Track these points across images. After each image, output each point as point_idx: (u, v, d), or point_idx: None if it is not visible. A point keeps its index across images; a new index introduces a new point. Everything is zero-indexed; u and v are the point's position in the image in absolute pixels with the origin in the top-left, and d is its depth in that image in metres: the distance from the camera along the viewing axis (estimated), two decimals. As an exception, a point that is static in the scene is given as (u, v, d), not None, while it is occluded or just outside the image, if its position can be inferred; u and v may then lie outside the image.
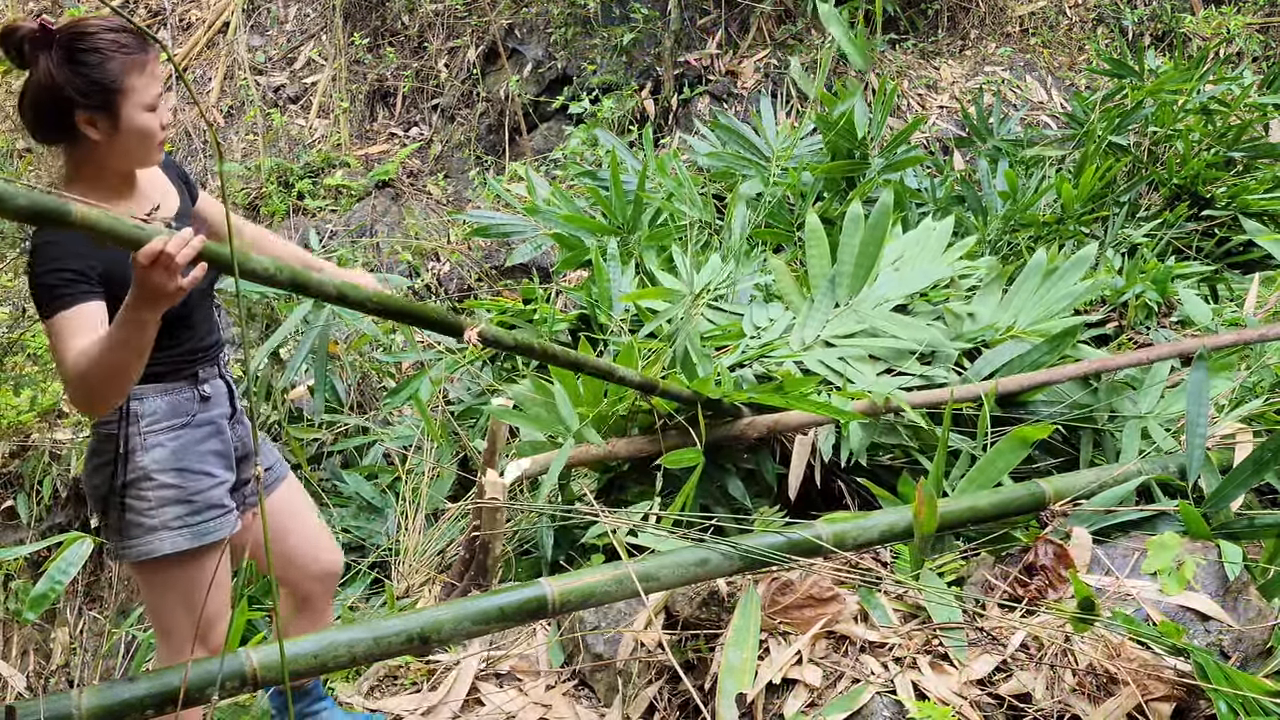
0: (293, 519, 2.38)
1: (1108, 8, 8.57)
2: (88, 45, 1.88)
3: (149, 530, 2.06)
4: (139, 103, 1.94)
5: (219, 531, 2.12)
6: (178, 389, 2.11)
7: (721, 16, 8.26)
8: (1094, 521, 2.69)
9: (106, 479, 2.07)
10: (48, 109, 1.91)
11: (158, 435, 2.07)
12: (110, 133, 1.93)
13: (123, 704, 1.92)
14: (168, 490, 2.07)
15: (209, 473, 2.13)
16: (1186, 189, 5.28)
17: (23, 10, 9.34)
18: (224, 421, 2.19)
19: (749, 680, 2.21)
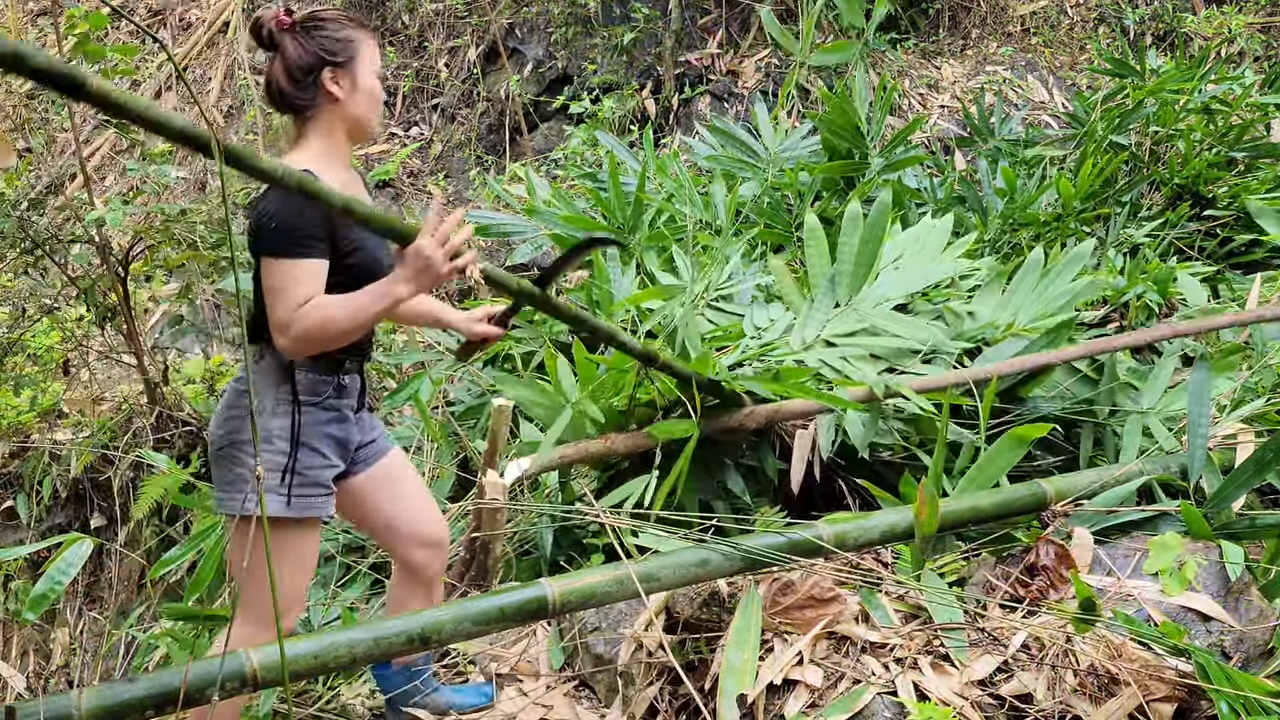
0: (395, 488, 2.47)
1: (1109, 7, 8.56)
2: (325, 18, 2.26)
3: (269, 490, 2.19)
4: (369, 67, 2.28)
5: (316, 510, 2.25)
6: (321, 369, 2.26)
7: (722, 16, 8.25)
8: (1095, 522, 2.68)
9: (230, 431, 2.22)
10: (300, 73, 2.22)
11: (288, 405, 2.22)
12: (350, 90, 2.25)
13: (123, 704, 1.91)
14: (283, 457, 2.20)
15: (322, 453, 2.26)
16: (1188, 189, 5.27)
17: (22, 10, 9.35)
18: (349, 413, 2.33)
19: (750, 681, 2.21)
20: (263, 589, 2.18)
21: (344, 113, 2.27)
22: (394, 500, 2.46)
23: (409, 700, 2.61)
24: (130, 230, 4.94)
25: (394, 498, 2.46)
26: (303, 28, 2.24)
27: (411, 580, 2.53)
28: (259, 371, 2.23)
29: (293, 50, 2.22)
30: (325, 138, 2.28)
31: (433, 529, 2.52)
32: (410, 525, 2.48)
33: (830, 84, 7.79)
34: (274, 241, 2.09)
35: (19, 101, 8.65)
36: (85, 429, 5.19)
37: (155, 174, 4.88)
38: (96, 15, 4.29)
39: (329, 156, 2.26)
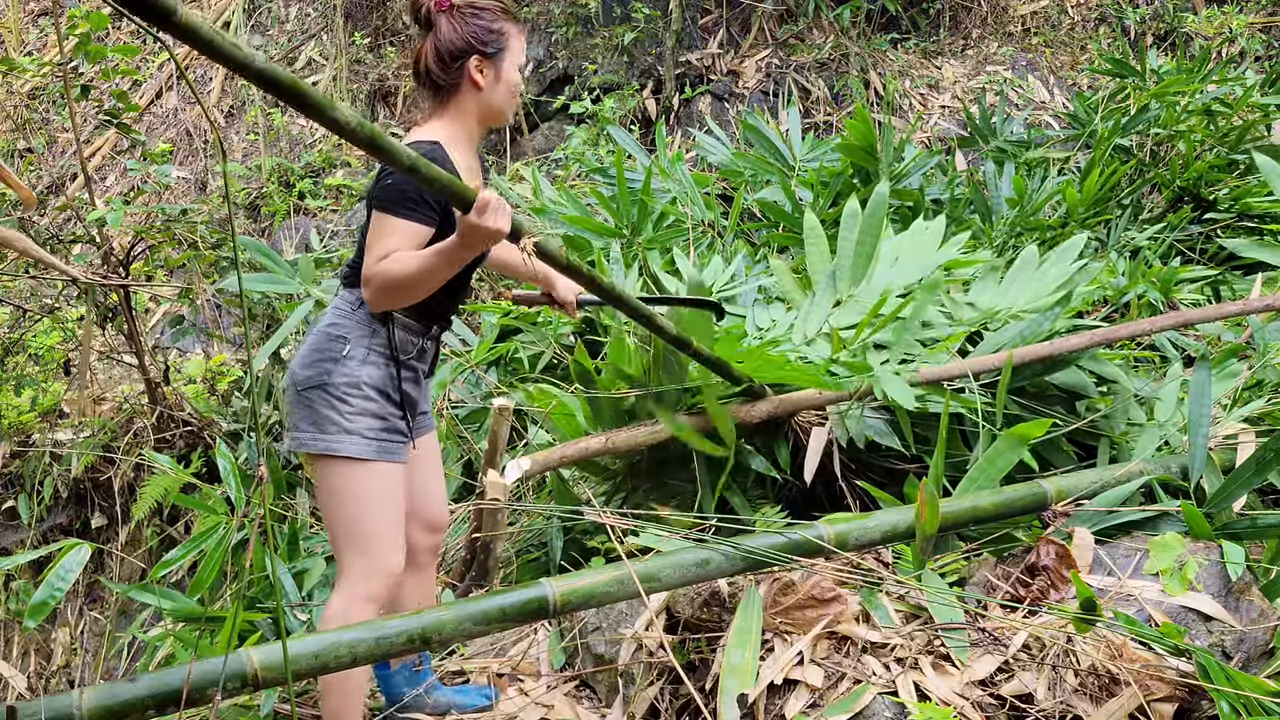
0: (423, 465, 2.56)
1: (1110, 7, 8.56)
2: (482, 6, 2.34)
3: (344, 431, 2.28)
4: (515, 61, 2.38)
5: (397, 454, 2.34)
6: (412, 329, 2.37)
7: (723, 16, 8.25)
8: (1096, 522, 2.68)
9: (318, 374, 2.30)
10: (449, 55, 2.32)
11: (379, 357, 2.32)
12: (493, 81, 2.35)
13: (124, 704, 1.91)
14: (371, 403, 2.30)
15: (399, 405, 2.36)
16: (1189, 191, 5.27)
17: (24, 10, 9.35)
18: (424, 375, 2.48)
19: (751, 681, 2.21)
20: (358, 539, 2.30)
21: (483, 100, 2.37)
22: (418, 476, 2.53)
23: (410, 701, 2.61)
24: (131, 230, 4.95)
25: (418, 474, 2.54)
26: (459, 11, 2.33)
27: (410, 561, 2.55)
28: (353, 319, 2.33)
29: (446, 32, 2.32)
30: (459, 119, 2.37)
31: (439, 512, 2.61)
32: (422, 504, 2.56)
33: (831, 84, 7.80)
34: (384, 196, 2.20)
35: (20, 101, 8.65)
36: (86, 429, 5.20)
37: (156, 174, 4.88)
38: (97, 15, 4.29)
39: (459, 137, 2.36)
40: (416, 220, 2.20)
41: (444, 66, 2.33)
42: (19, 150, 8.48)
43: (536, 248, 2.17)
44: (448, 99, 2.37)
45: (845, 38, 8.00)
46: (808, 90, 7.75)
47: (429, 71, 2.35)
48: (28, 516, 4.94)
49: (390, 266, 2.15)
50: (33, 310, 5.25)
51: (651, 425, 3.16)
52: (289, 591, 3.09)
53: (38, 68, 6.02)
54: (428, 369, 2.51)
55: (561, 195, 5.01)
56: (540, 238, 2.15)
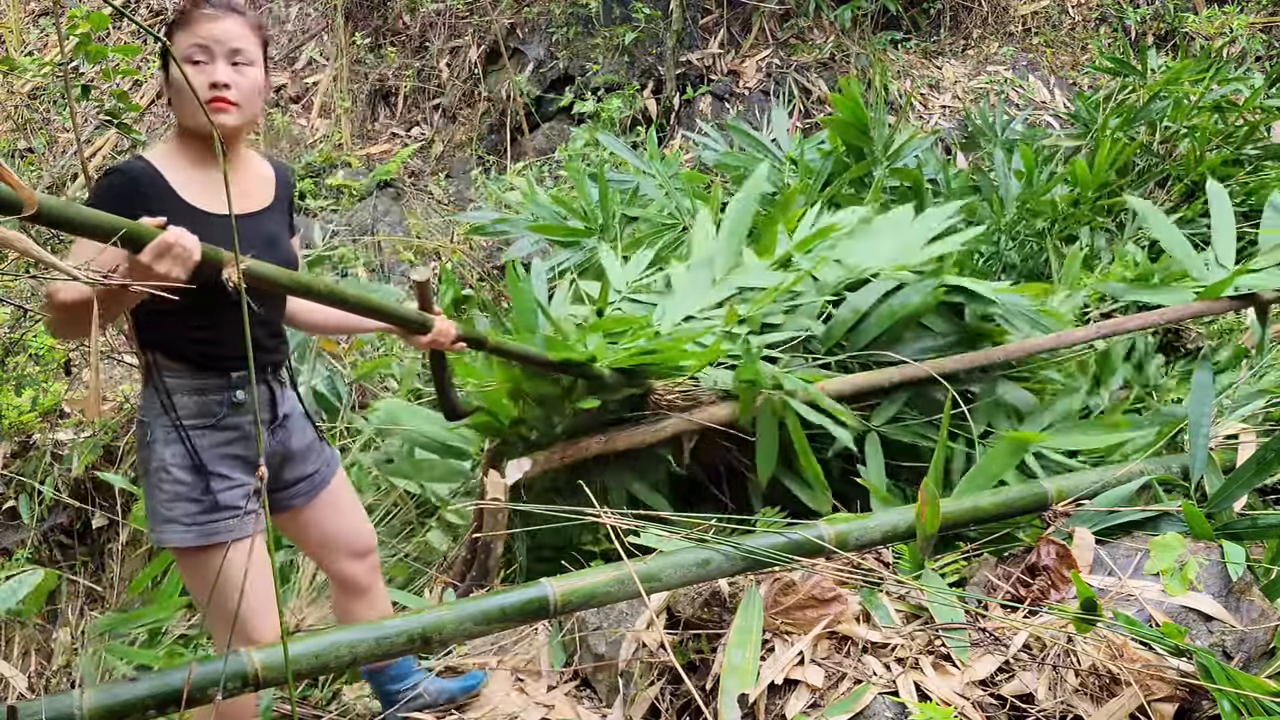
0: (334, 513, 2.44)
1: (1110, 7, 8.56)
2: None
3: (164, 520, 2.13)
4: (180, 56, 2.05)
5: (229, 533, 2.14)
6: (208, 389, 2.14)
7: (723, 16, 8.26)
8: (1096, 522, 2.68)
9: (141, 464, 2.16)
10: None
11: (180, 430, 2.11)
12: (168, 88, 2.11)
13: (124, 704, 1.91)
14: (180, 486, 2.11)
15: (225, 475, 2.15)
16: (1201, 185, 5.27)
17: (24, 10, 9.35)
18: (253, 428, 2.20)
19: (751, 680, 2.21)
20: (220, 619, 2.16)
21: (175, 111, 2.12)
22: (331, 520, 2.44)
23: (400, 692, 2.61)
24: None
25: (332, 519, 2.44)
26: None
27: (349, 592, 2.52)
28: (145, 395, 2.16)
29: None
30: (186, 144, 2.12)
31: (362, 540, 2.50)
32: (341, 541, 2.47)
33: (832, 84, 7.80)
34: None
35: (20, 101, 8.65)
36: (86, 430, 5.19)
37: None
38: (98, 15, 4.29)
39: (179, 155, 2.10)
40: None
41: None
42: (19, 150, 8.48)
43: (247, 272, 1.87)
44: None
45: (846, 38, 8.00)
46: (808, 90, 7.75)
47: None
48: (28, 516, 4.94)
49: (55, 289, 1.88)
50: (33, 310, 5.25)
51: (652, 425, 3.17)
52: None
53: (38, 68, 6.02)
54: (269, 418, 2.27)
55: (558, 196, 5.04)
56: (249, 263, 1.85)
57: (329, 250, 6.46)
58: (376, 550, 2.56)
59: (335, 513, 2.45)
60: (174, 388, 2.12)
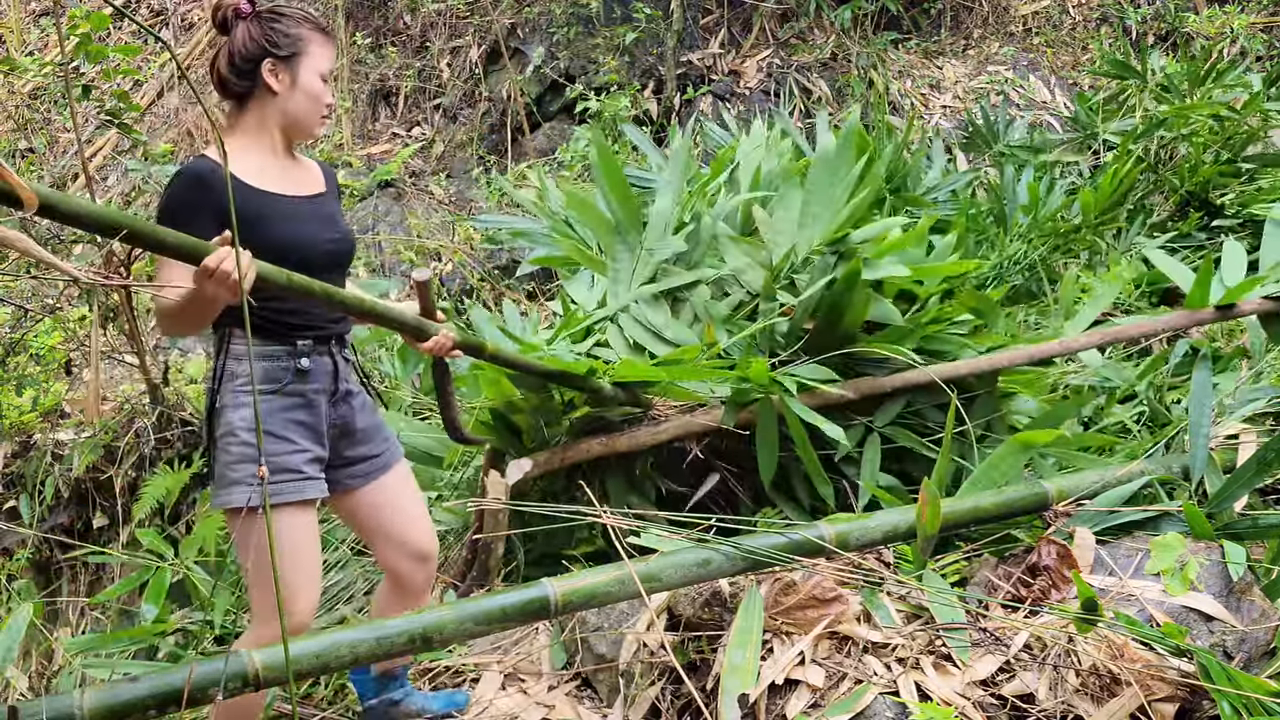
0: (395, 503, 2.48)
1: (1111, 7, 8.56)
2: (282, 12, 2.27)
3: (231, 483, 2.19)
4: (315, 68, 2.28)
5: (289, 495, 2.20)
6: (275, 356, 2.24)
7: (724, 16, 8.25)
8: (1097, 522, 2.68)
9: (208, 431, 2.25)
10: (241, 59, 2.24)
11: (248, 395, 2.20)
12: (289, 86, 2.25)
13: (125, 704, 1.91)
14: (247, 448, 2.19)
15: (289, 438, 2.23)
16: (1196, 196, 5.27)
17: (25, 10, 9.34)
18: (318, 397, 2.29)
19: (751, 680, 2.21)
20: (262, 585, 2.20)
21: (280, 107, 2.28)
22: (393, 513, 2.47)
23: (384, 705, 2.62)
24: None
25: (393, 510, 2.47)
26: (258, 17, 2.26)
27: (399, 590, 2.53)
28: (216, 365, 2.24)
29: (241, 36, 2.25)
30: (254, 129, 2.29)
31: (423, 542, 2.51)
32: (402, 537, 2.48)
33: (833, 84, 7.80)
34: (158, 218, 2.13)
35: (21, 101, 8.65)
36: (87, 429, 5.19)
37: (157, 174, 4.88)
38: (99, 15, 4.29)
39: (248, 148, 2.27)
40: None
41: (237, 71, 2.26)
42: (20, 150, 8.48)
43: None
44: (244, 106, 2.30)
45: (846, 37, 8.00)
46: (809, 90, 7.75)
47: (222, 77, 2.28)
48: (29, 516, 4.94)
49: (160, 301, 2.08)
50: (34, 310, 5.26)
51: (652, 427, 3.17)
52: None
53: (39, 68, 6.03)
54: (331, 387, 2.34)
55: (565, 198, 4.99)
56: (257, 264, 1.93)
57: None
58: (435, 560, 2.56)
59: (394, 503, 2.47)
60: (242, 354, 2.21)
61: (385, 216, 7.35)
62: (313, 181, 2.40)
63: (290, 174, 2.32)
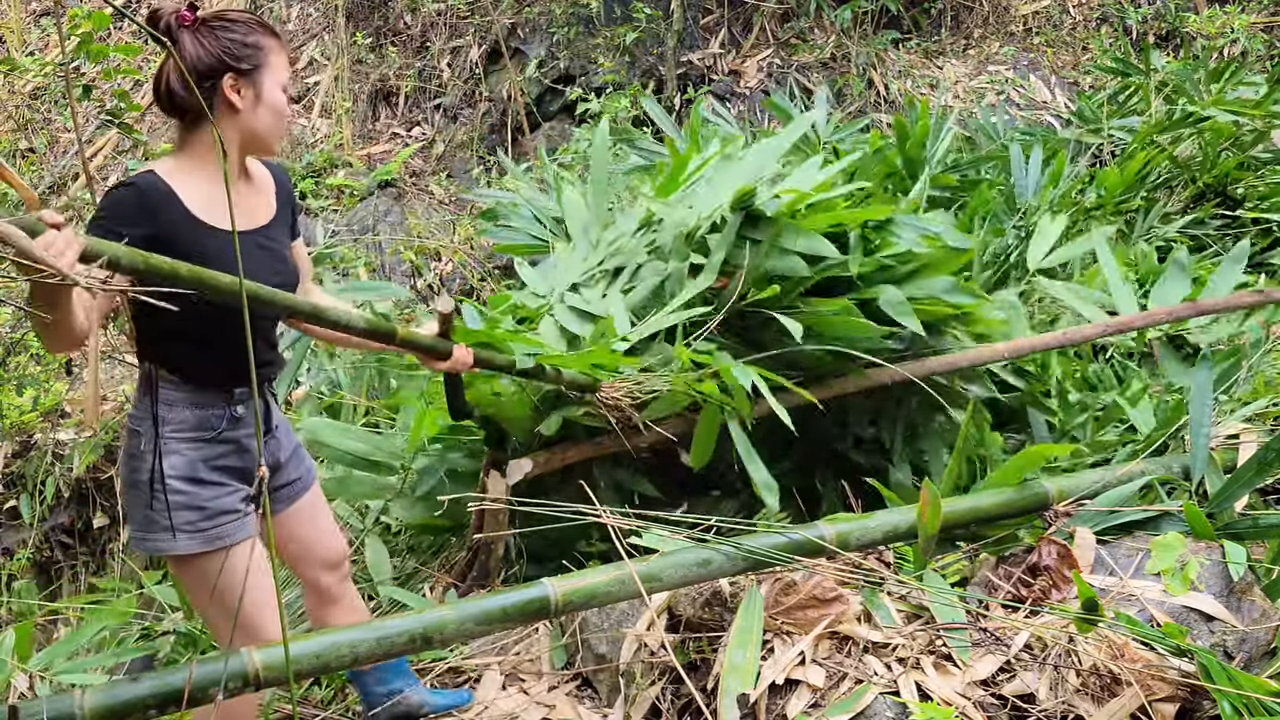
0: (311, 522, 2.46)
1: (1111, 7, 8.56)
2: (232, 19, 2.08)
3: (164, 529, 2.12)
4: (277, 80, 2.13)
5: (231, 536, 2.17)
6: (209, 404, 2.16)
7: (724, 16, 8.26)
8: (1097, 521, 2.68)
9: (130, 473, 2.15)
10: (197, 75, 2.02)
11: (179, 444, 2.13)
12: (253, 102, 2.10)
13: (125, 704, 1.91)
14: (180, 496, 2.12)
15: (223, 483, 2.18)
16: (1213, 188, 5.27)
17: (25, 10, 9.34)
18: (250, 441, 2.23)
19: (752, 680, 2.21)
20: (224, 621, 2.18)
21: (241, 124, 2.12)
22: (309, 530, 2.46)
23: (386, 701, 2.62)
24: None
25: (310, 528, 2.46)
26: (206, 26, 2.06)
27: (323, 600, 2.54)
28: (140, 407, 2.15)
29: (191, 49, 2.03)
30: (207, 150, 2.09)
31: (335, 550, 2.51)
32: (318, 553, 2.48)
33: (833, 84, 7.79)
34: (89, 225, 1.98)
35: (22, 101, 8.66)
36: (86, 430, 5.20)
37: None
38: (99, 15, 4.30)
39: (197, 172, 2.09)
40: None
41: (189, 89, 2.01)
42: (21, 150, 8.48)
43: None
44: (193, 129, 2.09)
45: (846, 37, 8.00)
46: (809, 90, 7.75)
47: (172, 95, 2.07)
48: (29, 516, 4.95)
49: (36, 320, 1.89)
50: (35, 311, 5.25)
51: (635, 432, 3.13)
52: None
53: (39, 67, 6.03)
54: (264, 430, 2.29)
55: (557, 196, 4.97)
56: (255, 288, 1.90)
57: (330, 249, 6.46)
58: (348, 561, 2.58)
59: (311, 521, 2.46)
60: (173, 400, 2.13)
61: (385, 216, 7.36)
62: (264, 205, 2.25)
63: (242, 202, 2.16)
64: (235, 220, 1.93)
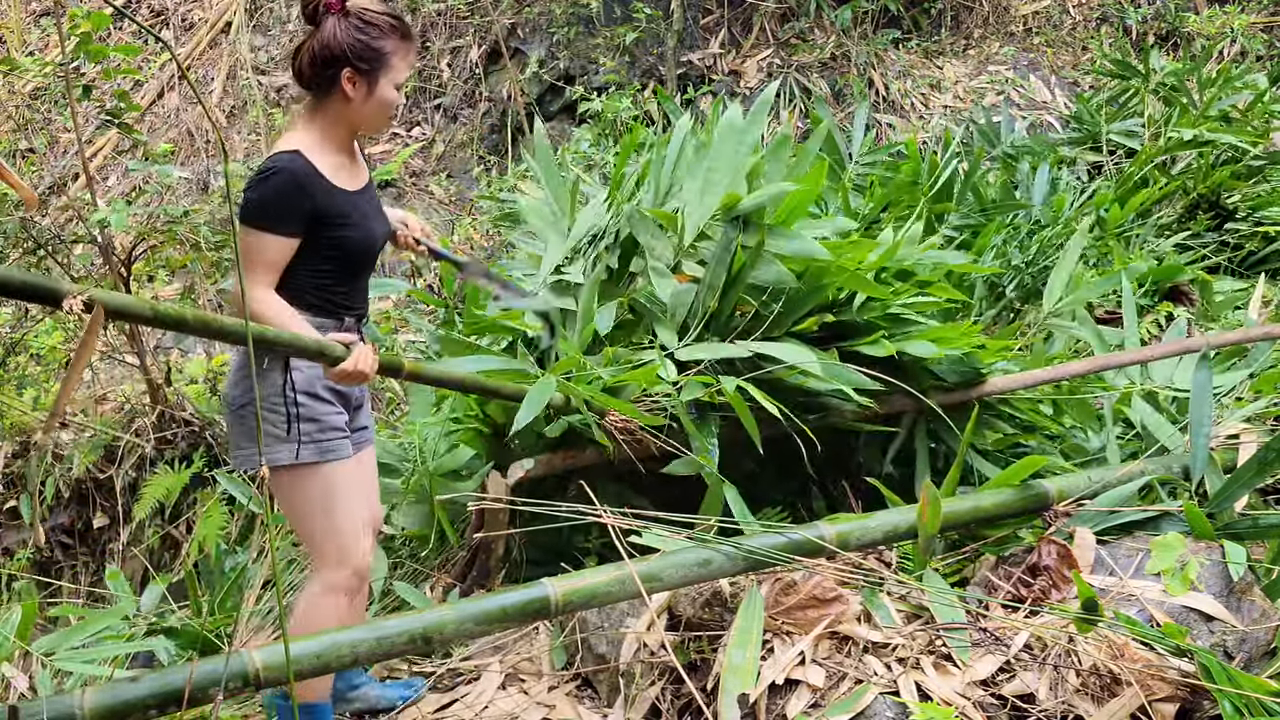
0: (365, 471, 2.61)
1: (1111, 7, 8.56)
2: (372, 20, 2.30)
3: (280, 441, 2.32)
4: (393, 80, 2.35)
5: (340, 451, 2.38)
6: (324, 328, 2.35)
7: (724, 16, 8.25)
8: (1097, 521, 2.68)
9: (244, 391, 2.34)
10: (322, 60, 2.29)
11: (298, 361, 2.33)
12: (364, 96, 2.32)
13: (126, 704, 1.92)
14: (300, 408, 2.33)
15: (332, 402, 2.39)
16: (1206, 198, 5.27)
17: (25, 10, 9.35)
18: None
19: (752, 680, 2.21)
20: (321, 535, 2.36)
21: (351, 111, 2.35)
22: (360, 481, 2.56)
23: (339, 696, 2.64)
24: (133, 230, 4.95)
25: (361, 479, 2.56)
26: (348, 18, 2.28)
27: None
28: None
29: (327, 35, 2.28)
30: (330, 126, 2.36)
31: (378, 517, 2.66)
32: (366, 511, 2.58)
33: (833, 84, 7.80)
34: (246, 210, 2.26)
35: (21, 101, 8.66)
36: (86, 430, 5.20)
37: (158, 174, 4.89)
38: (99, 15, 4.30)
39: (325, 144, 2.35)
40: (280, 234, 2.26)
41: (316, 69, 2.31)
42: (21, 150, 8.49)
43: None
44: (319, 105, 2.37)
45: (846, 37, 8.00)
46: (809, 90, 7.75)
47: (302, 72, 2.34)
48: (30, 516, 4.94)
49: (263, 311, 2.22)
50: (35, 310, 5.25)
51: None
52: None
53: (39, 68, 6.03)
54: None
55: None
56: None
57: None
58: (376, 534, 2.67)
59: (364, 475, 2.59)
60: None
61: (385, 216, 7.34)
62: (364, 172, 2.50)
63: (354, 168, 2.43)
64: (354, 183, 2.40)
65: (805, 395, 3.05)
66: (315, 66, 2.30)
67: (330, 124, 2.36)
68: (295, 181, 2.26)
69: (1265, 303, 4.37)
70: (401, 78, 2.37)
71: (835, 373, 2.91)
